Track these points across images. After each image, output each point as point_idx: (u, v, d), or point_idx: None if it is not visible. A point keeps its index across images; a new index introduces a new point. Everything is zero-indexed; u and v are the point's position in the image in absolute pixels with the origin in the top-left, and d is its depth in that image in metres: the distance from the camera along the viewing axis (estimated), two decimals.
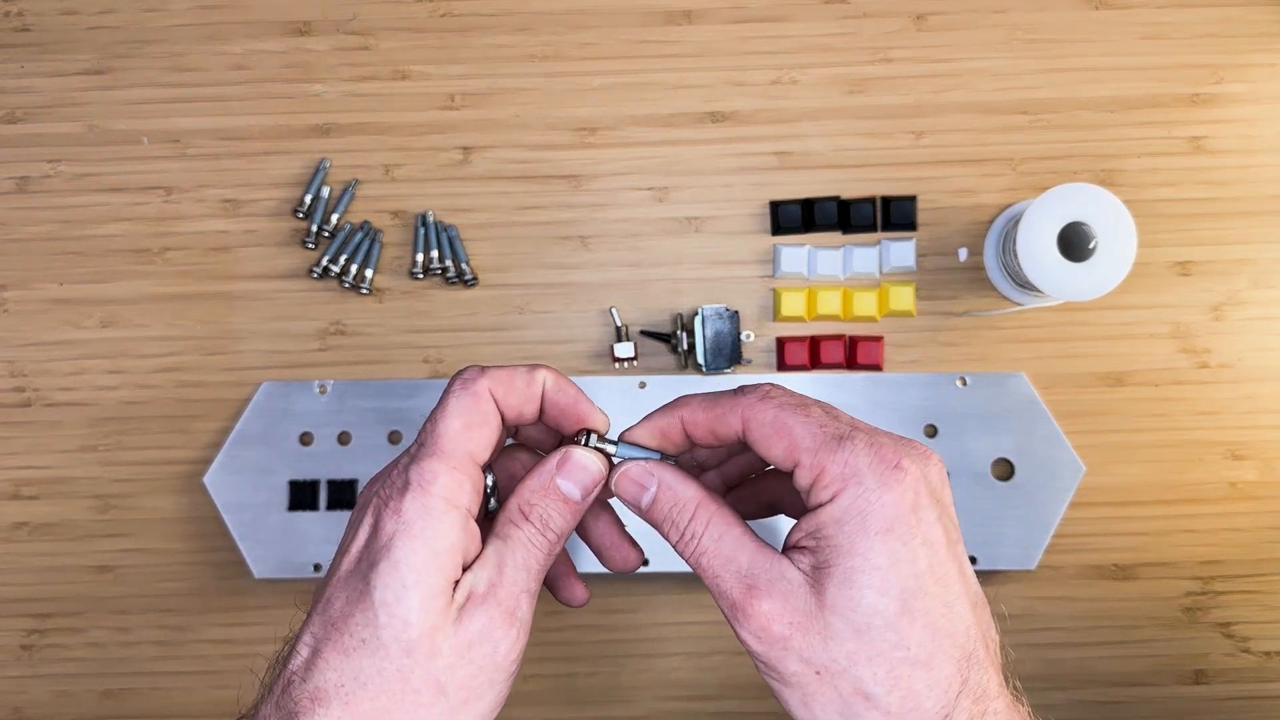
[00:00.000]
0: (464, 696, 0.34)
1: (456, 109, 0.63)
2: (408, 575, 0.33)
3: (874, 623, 0.31)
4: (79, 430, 0.63)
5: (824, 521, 0.32)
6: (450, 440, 0.34)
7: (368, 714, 0.32)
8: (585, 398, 0.38)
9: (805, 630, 0.32)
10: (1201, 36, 0.63)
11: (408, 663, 0.33)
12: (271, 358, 0.63)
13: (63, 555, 0.63)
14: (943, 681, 0.32)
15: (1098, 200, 0.55)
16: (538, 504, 0.36)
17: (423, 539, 0.33)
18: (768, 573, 0.33)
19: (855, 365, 0.62)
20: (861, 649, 0.31)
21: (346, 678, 0.33)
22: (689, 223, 0.63)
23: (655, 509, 0.36)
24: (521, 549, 0.35)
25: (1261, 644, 0.62)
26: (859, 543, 0.32)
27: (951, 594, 0.32)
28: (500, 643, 0.34)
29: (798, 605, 0.32)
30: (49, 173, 0.63)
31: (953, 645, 0.32)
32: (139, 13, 0.64)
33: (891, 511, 0.32)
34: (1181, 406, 0.62)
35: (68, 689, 0.63)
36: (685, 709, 0.62)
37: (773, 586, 0.33)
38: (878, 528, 0.32)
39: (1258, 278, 0.62)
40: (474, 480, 0.35)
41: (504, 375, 0.36)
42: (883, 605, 0.31)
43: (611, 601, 0.62)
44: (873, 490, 0.32)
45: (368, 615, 0.33)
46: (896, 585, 0.31)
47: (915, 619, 0.32)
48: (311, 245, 0.63)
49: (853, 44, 0.63)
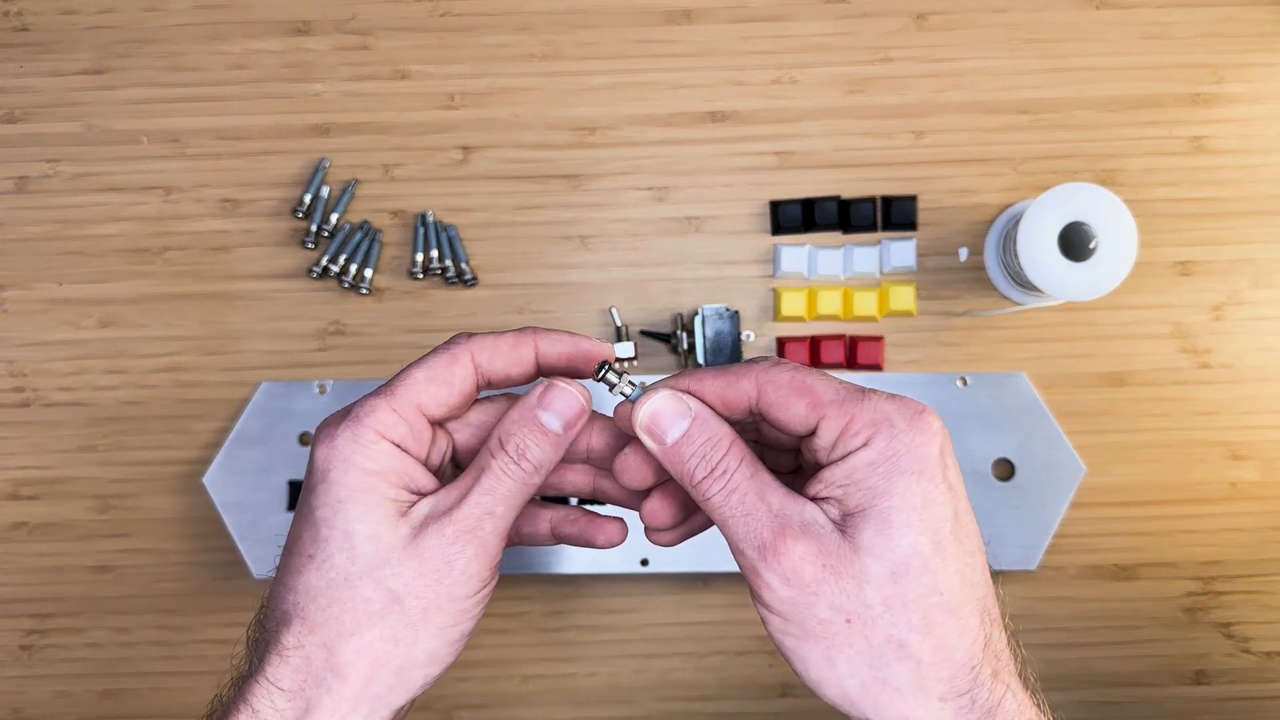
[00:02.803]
0: (422, 607, 0.34)
1: (456, 108, 0.63)
2: (341, 491, 0.34)
3: (911, 564, 0.31)
4: (78, 430, 0.63)
5: (855, 466, 0.32)
6: (404, 387, 0.35)
7: (323, 623, 0.34)
8: (582, 338, 0.38)
9: (839, 574, 0.31)
10: (1202, 36, 0.63)
11: (354, 570, 0.34)
12: (271, 358, 0.63)
13: (62, 555, 0.63)
14: (970, 632, 0.31)
15: (1098, 200, 0.55)
16: (515, 433, 0.36)
17: (353, 461, 0.34)
18: (800, 515, 0.32)
19: (855, 365, 0.62)
20: (897, 593, 0.31)
21: (300, 595, 0.34)
22: (689, 222, 0.63)
23: (686, 442, 0.34)
24: (491, 475, 0.35)
25: (1262, 644, 0.62)
26: (895, 482, 0.31)
27: (972, 544, 0.32)
28: (455, 559, 0.34)
29: (831, 549, 0.31)
30: (48, 172, 0.63)
31: (976, 597, 0.32)
32: (138, 12, 0.64)
33: (924, 453, 0.32)
34: (1182, 406, 0.62)
35: (67, 689, 0.63)
36: (685, 709, 0.62)
37: (806, 529, 0.32)
38: (911, 468, 0.31)
39: (1258, 277, 0.62)
40: (414, 425, 0.35)
41: (489, 341, 0.37)
42: (920, 545, 0.31)
43: (611, 602, 0.62)
44: (904, 434, 0.32)
45: (312, 533, 0.34)
46: (930, 525, 0.31)
47: (947, 562, 0.31)
48: (311, 245, 0.62)
49: (853, 43, 0.63)
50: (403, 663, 0.34)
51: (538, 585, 0.62)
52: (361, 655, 0.34)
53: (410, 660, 0.34)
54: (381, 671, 0.34)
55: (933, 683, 0.31)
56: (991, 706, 0.31)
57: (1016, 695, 0.32)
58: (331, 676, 0.34)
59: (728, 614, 0.62)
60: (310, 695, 0.34)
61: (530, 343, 0.37)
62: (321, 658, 0.34)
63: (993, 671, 0.32)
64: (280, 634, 0.34)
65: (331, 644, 0.34)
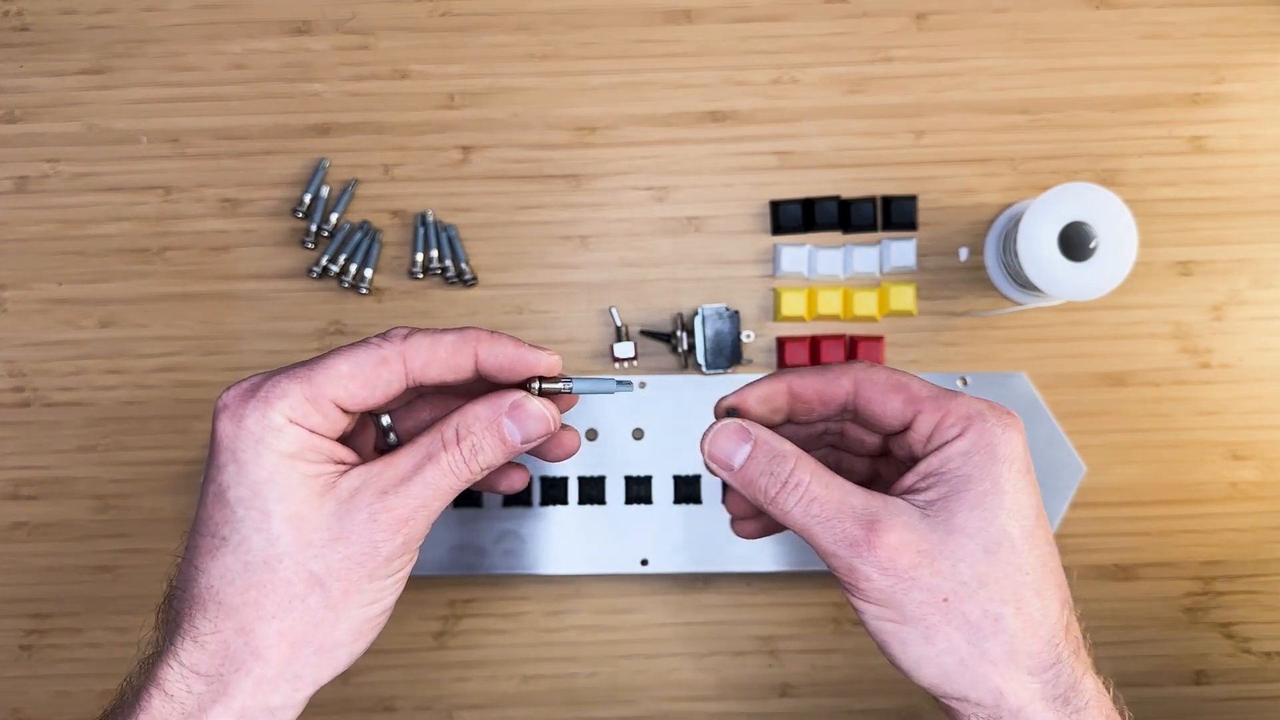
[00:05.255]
0: (343, 589, 0.34)
1: (456, 108, 0.63)
2: (258, 472, 0.33)
3: (1002, 543, 0.33)
4: (78, 430, 0.63)
5: (951, 455, 0.34)
6: (324, 376, 0.34)
7: (240, 607, 0.33)
8: (526, 347, 0.37)
9: (934, 557, 0.33)
10: (1202, 36, 0.63)
11: (274, 552, 0.33)
12: (270, 357, 0.63)
13: (62, 555, 0.63)
14: (1052, 613, 0.34)
15: (1098, 200, 0.55)
16: (475, 432, 0.35)
17: (264, 441, 0.33)
18: (886, 509, 0.34)
19: None
20: (991, 570, 0.33)
21: (214, 578, 0.33)
22: (689, 222, 0.63)
23: (751, 464, 0.36)
24: (437, 469, 0.35)
25: (1262, 644, 0.62)
26: (990, 469, 0.34)
27: (1049, 536, 0.35)
28: (383, 545, 0.34)
29: (924, 534, 0.34)
30: (48, 172, 0.63)
31: (1057, 583, 0.34)
32: (138, 12, 0.64)
33: (1013, 447, 0.34)
34: (1182, 406, 0.62)
35: (67, 689, 0.63)
36: (685, 709, 0.62)
37: (895, 519, 0.34)
38: (1004, 457, 0.34)
39: (1258, 277, 0.62)
40: (325, 414, 0.34)
41: (426, 344, 0.36)
42: (1011, 527, 0.33)
43: (611, 602, 0.62)
44: (996, 428, 0.34)
45: (225, 513, 0.33)
46: (1019, 512, 0.34)
47: (1032, 547, 0.34)
48: (310, 245, 0.62)
49: (853, 43, 0.63)
50: (323, 642, 0.34)
51: (538, 585, 0.62)
52: (283, 637, 0.34)
53: (332, 640, 0.34)
54: (303, 651, 0.34)
55: (1023, 656, 0.33)
56: (1073, 682, 0.33)
57: (1093, 677, 0.34)
58: (250, 658, 0.33)
59: (728, 614, 0.62)
60: (228, 678, 0.33)
61: (471, 350, 0.36)
62: (239, 641, 0.33)
63: (1073, 651, 0.34)
64: (194, 617, 0.33)
65: (249, 627, 0.33)
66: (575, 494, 0.60)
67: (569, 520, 0.60)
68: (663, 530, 0.60)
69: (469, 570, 0.60)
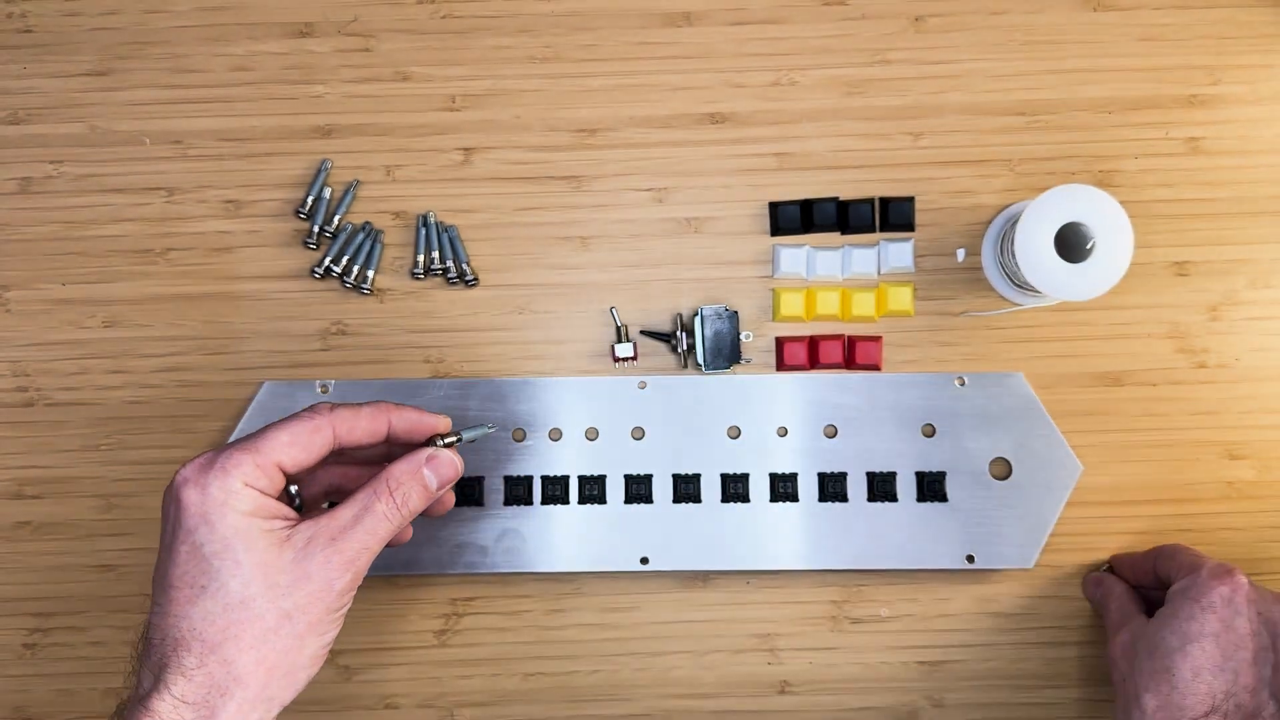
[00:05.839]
0: (308, 621, 0.42)
1: (457, 110, 0.64)
2: (225, 530, 0.41)
3: (1157, 650, 0.51)
4: (81, 430, 0.63)
5: (1170, 594, 0.53)
6: (269, 446, 0.43)
7: (222, 642, 0.40)
8: (426, 414, 0.48)
9: (1127, 651, 0.53)
10: (1199, 38, 0.63)
11: (249, 593, 0.40)
12: (273, 357, 0.63)
13: (65, 554, 0.63)
14: (1187, 709, 0.49)
15: (1095, 201, 0.56)
16: (404, 484, 0.44)
17: (228, 505, 0.41)
18: (1134, 619, 0.55)
19: (854, 365, 0.62)
20: (1147, 665, 0.51)
21: (196, 621, 0.40)
22: (689, 223, 0.63)
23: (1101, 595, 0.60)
24: (374, 517, 0.43)
25: None
26: (1173, 602, 0.52)
27: (1229, 665, 0.49)
28: (336, 582, 0.42)
29: (1133, 637, 0.53)
30: (51, 174, 0.64)
31: (1208, 691, 0.49)
32: (141, 14, 0.64)
33: (1204, 592, 0.51)
34: (1179, 406, 0.62)
35: (70, 688, 0.63)
36: (685, 706, 0.62)
37: (1128, 625, 0.54)
38: (1191, 597, 0.51)
39: (1255, 278, 0.63)
40: (271, 477, 0.43)
41: (348, 415, 0.45)
42: (1168, 642, 0.51)
43: (612, 600, 0.62)
44: (1203, 578, 0.52)
45: (201, 566, 0.40)
46: (1181, 633, 0.50)
47: (1186, 659, 0.50)
48: (313, 246, 0.63)
49: (851, 45, 0.64)
50: (290, 667, 0.42)
51: (538, 584, 0.63)
52: (259, 665, 0.41)
53: (297, 664, 0.42)
54: (275, 675, 0.41)
55: None
56: None
57: None
58: (233, 684, 0.40)
59: (727, 612, 0.62)
60: (214, 703, 0.40)
61: (385, 417, 0.46)
62: (223, 671, 0.40)
63: None
64: (180, 656, 0.40)
65: (231, 658, 0.40)
66: (576, 493, 0.61)
67: (569, 519, 0.61)
68: (662, 529, 0.60)
69: (470, 569, 0.60)
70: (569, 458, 0.61)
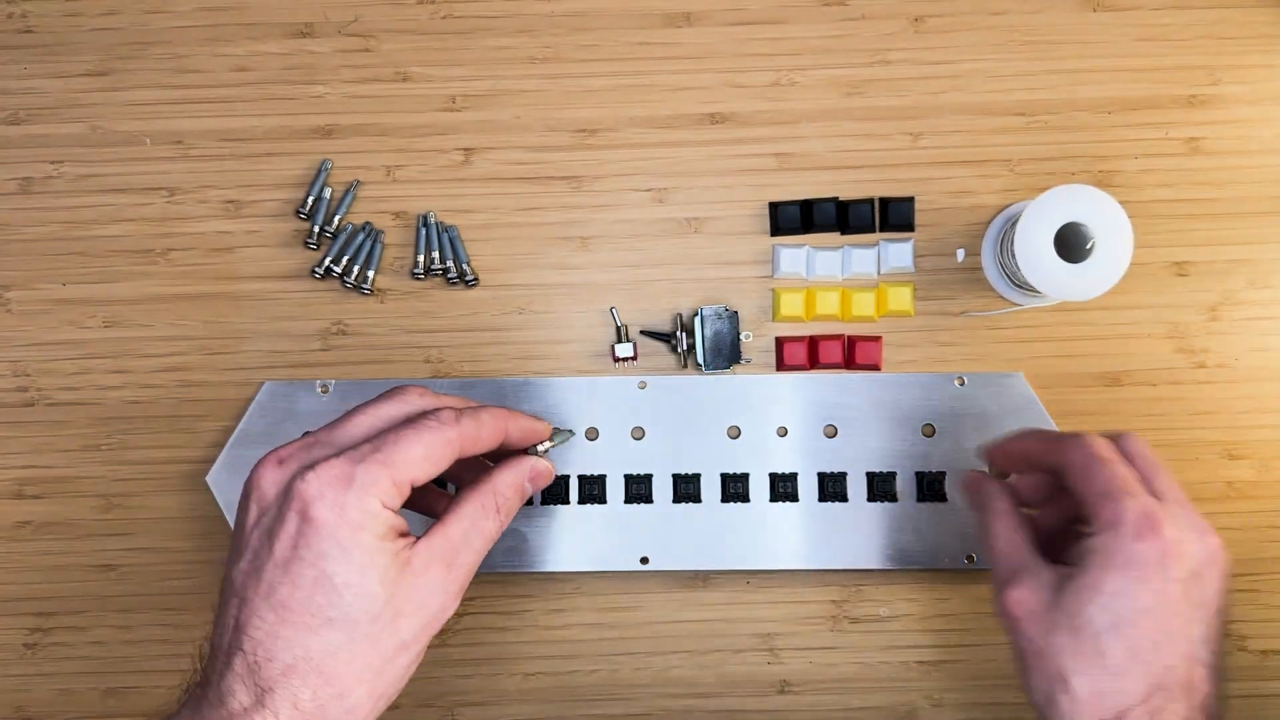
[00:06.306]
0: (419, 649, 0.42)
1: (457, 110, 0.64)
2: (361, 556, 0.39)
3: (1084, 630, 0.42)
4: (82, 430, 0.63)
5: (1086, 548, 0.44)
6: (406, 463, 0.41)
7: (344, 676, 0.39)
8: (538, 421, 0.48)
9: (1037, 619, 0.44)
10: (1198, 38, 0.63)
11: (376, 629, 0.39)
12: (273, 358, 0.63)
13: (66, 554, 0.63)
14: (1125, 692, 0.42)
15: (1095, 201, 0.56)
16: (510, 499, 0.45)
17: (364, 527, 0.39)
18: (1031, 566, 0.46)
19: (854, 365, 0.62)
20: (1071, 644, 0.43)
21: (315, 651, 0.38)
22: (689, 223, 0.64)
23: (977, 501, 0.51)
24: (484, 537, 0.44)
25: (1259, 643, 0.62)
26: (1096, 570, 0.43)
27: (1163, 638, 0.42)
28: (449, 608, 0.42)
29: (1040, 599, 0.44)
30: (52, 174, 0.64)
31: (1147, 671, 0.42)
32: (141, 14, 0.64)
33: (1131, 558, 0.42)
34: (1179, 406, 0.62)
35: (70, 687, 0.63)
36: (684, 705, 0.62)
37: (1029, 577, 0.45)
38: (1117, 564, 0.42)
39: (1255, 278, 0.63)
40: (403, 495, 0.41)
41: (473, 426, 0.43)
42: (1096, 620, 0.42)
43: (612, 599, 0.62)
44: (1125, 537, 0.42)
45: (331, 597, 0.38)
46: (1112, 610, 0.42)
47: (1119, 639, 0.42)
48: (313, 246, 0.63)
49: (851, 46, 0.64)
50: (394, 692, 0.41)
51: (539, 584, 0.63)
52: (371, 695, 0.40)
53: (398, 689, 0.42)
54: (380, 703, 0.41)
55: (1086, 714, 0.42)
56: None
57: None
58: (345, 717, 0.39)
59: (727, 612, 0.62)
60: None
61: (503, 426, 0.45)
62: (337, 705, 0.39)
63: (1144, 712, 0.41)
64: (292, 686, 0.38)
65: (347, 691, 0.39)
66: (576, 493, 0.61)
67: (570, 519, 0.61)
68: (662, 528, 0.60)
69: None
70: (569, 457, 0.61)
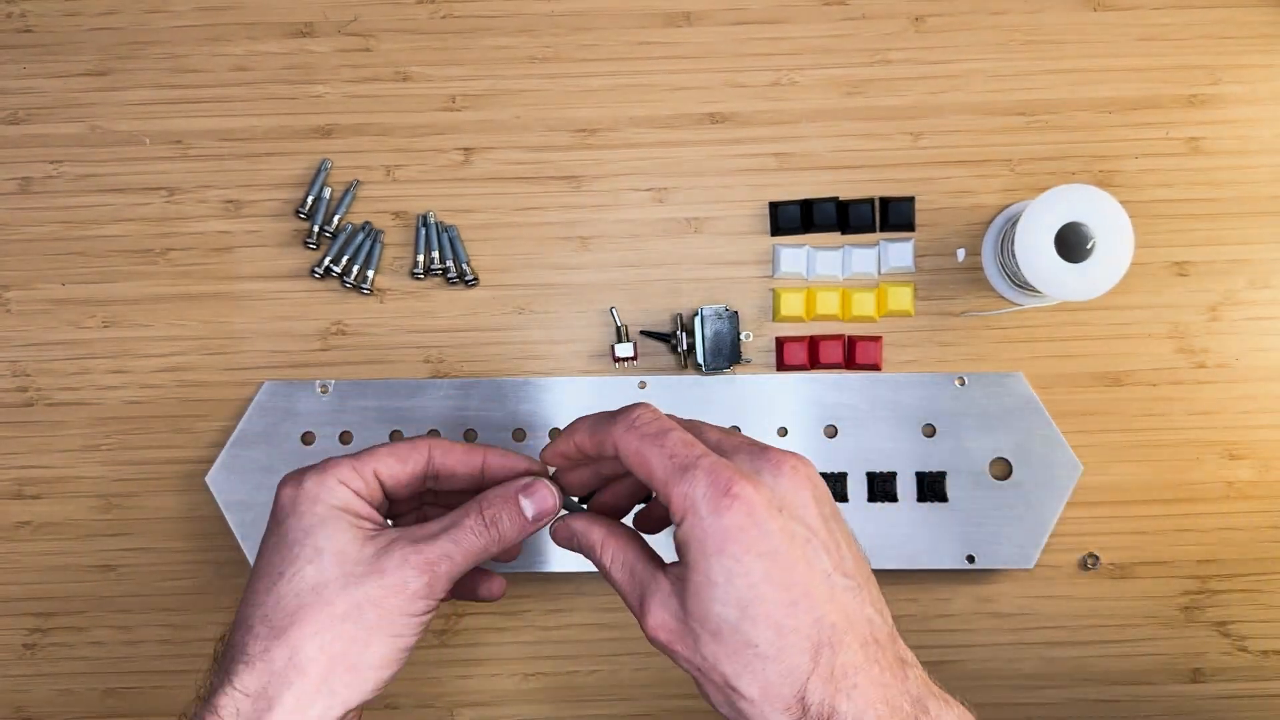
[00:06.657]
0: (377, 616, 0.40)
1: (457, 110, 0.64)
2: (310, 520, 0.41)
3: (722, 629, 0.37)
4: (81, 430, 0.63)
5: (678, 543, 0.38)
6: (368, 454, 0.43)
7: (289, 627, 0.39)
8: (526, 459, 0.46)
9: (680, 638, 0.39)
10: (1199, 38, 0.63)
11: (322, 579, 0.40)
12: (273, 357, 0.63)
13: (65, 554, 0.63)
14: (794, 670, 0.37)
15: (1095, 201, 0.56)
16: (496, 505, 0.43)
17: (318, 497, 0.41)
18: (651, 585, 0.40)
19: (854, 365, 0.62)
20: (719, 649, 0.37)
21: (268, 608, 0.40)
22: (689, 223, 0.63)
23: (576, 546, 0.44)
24: (461, 530, 0.42)
25: (1258, 643, 0.62)
26: (699, 563, 0.37)
27: (796, 593, 0.37)
28: (410, 582, 0.40)
29: (672, 615, 0.39)
30: (51, 173, 0.64)
31: (801, 638, 0.37)
32: (141, 14, 0.64)
33: (723, 535, 0.37)
34: (1179, 406, 0.62)
35: (70, 687, 0.63)
36: (683, 705, 0.62)
37: (653, 599, 0.39)
38: (713, 549, 0.37)
39: (1255, 278, 0.63)
40: (368, 483, 0.42)
41: (445, 442, 0.45)
42: (726, 614, 0.37)
43: (611, 600, 0.62)
44: (706, 518, 0.37)
45: (283, 554, 0.40)
46: (734, 597, 0.37)
47: (758, 622, 0.37)
48: (313, 245, 0.63)
49: (851, 45, 0.64)
50: (355, 662, 0.39)
51: (538, 584, 0.63)
52: (322, 652, 0.39)
53: (363, 661, 0.40)
54: (338, 668, 0.39)
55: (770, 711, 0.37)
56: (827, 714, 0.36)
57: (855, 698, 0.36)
58: (293, 673, 0.39)
59: None
60: (272, 693, 0.38)
61: (480, 454, 0.45)
62: (284, 656, 0.39)
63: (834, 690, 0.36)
64: (246, 644, 0.39)
65: (296, 644, 0.39)
66: None
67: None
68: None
69: None
70: None
